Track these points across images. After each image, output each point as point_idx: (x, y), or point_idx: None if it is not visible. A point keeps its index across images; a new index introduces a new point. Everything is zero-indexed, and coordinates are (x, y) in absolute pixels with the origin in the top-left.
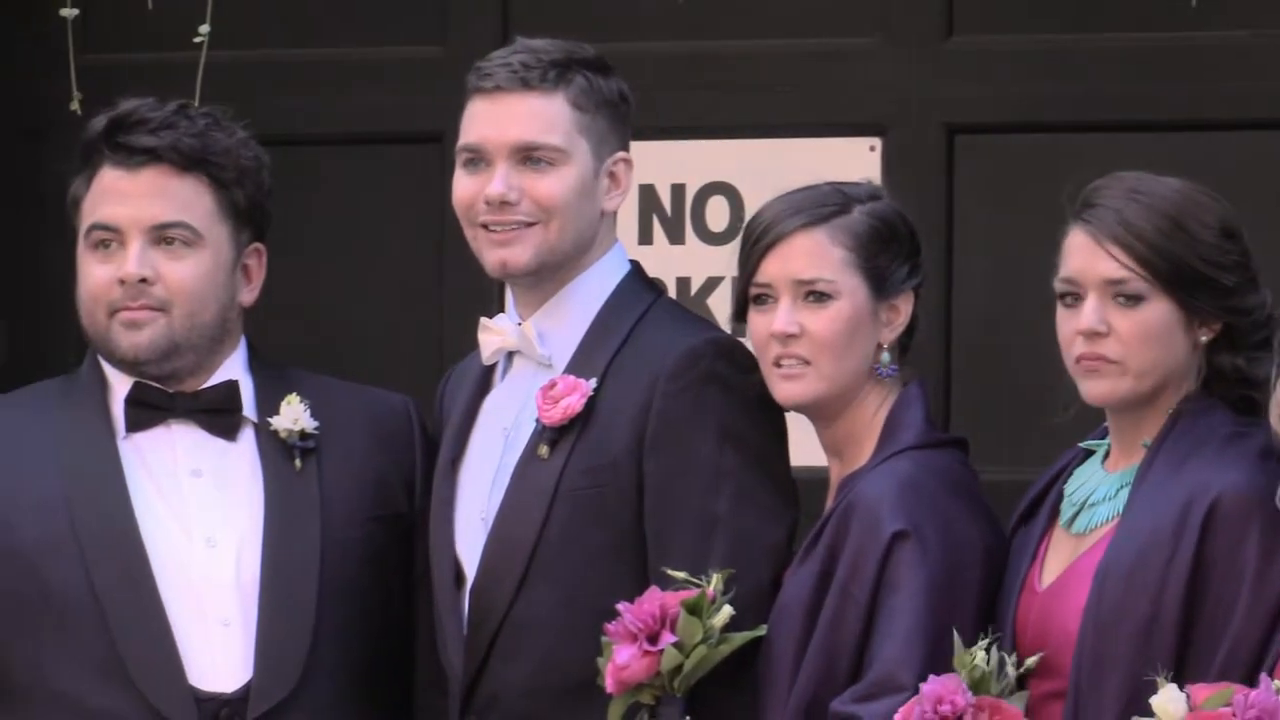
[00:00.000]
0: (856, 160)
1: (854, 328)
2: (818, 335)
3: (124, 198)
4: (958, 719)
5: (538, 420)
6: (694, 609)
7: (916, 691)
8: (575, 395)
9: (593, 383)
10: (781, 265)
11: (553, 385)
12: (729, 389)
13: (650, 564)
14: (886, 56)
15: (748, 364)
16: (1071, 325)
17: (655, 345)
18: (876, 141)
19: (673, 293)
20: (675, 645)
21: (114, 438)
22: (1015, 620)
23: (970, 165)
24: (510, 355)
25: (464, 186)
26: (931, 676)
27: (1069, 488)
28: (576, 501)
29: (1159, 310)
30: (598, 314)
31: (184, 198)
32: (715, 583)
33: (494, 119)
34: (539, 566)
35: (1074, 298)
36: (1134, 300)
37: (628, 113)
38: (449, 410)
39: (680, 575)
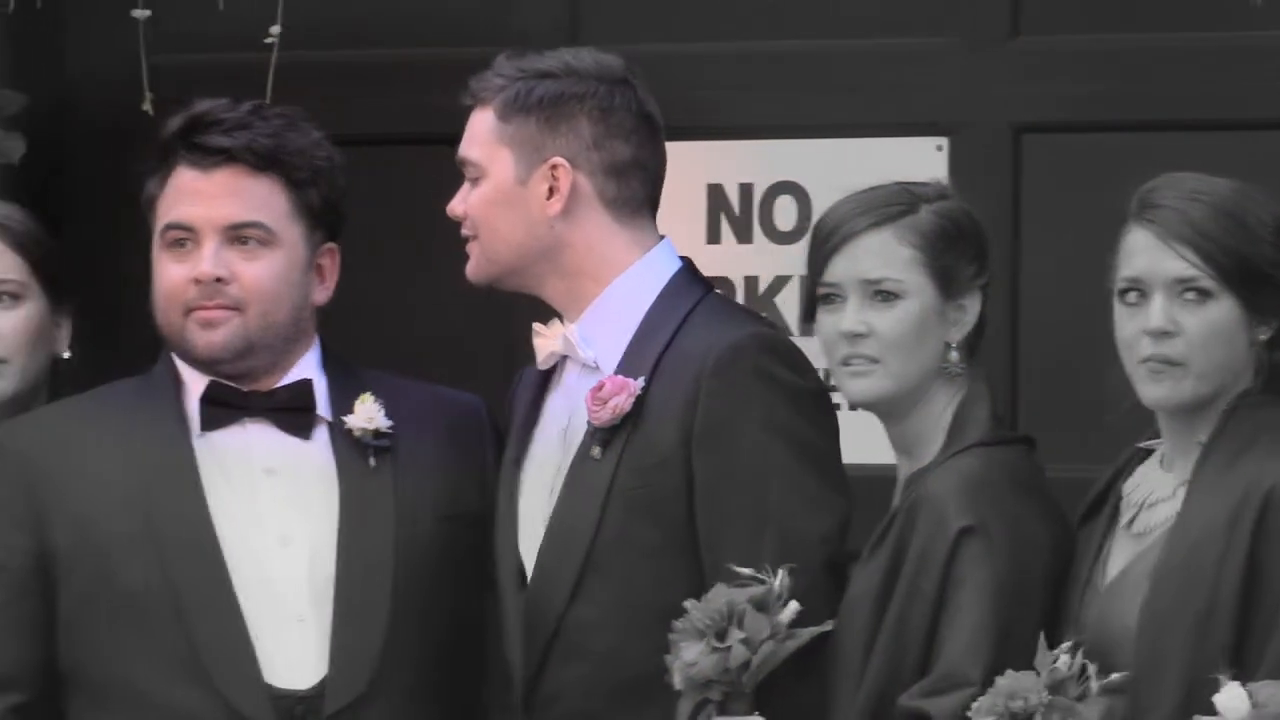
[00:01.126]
0: (923, 160)
1: (922, 327)
2: (886, 334)
3: (199, 198)
4: (1028, 717)
5: (589, 421)
6: (760, 605)
7: (984, 686)
8: (623, 395)
9: (641, 381)
10: (849, 265)
11: (601, 386)
12: (773, 383)
13: (704, 561)
14: (953, 57)
15: (792, 358)
16: (1136, 325)
17: (699, 342)
18: (943, 141)
19: (741, 292)
20: (743, 642)
21: (189, 436)
22: (1078, 617)
23: (1037, 165)
24: (565, 359)
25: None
26: (1009, 671)
27: (1128, 488)
28: (629, 501)
29: (1224, 308)
30: (646, 313)
31: (258, 198)
32: (780, 579)
33: None
34: (594, 566)
35: (1138, 296)
36: (1202, 296)
37: (568, 113)
38: (516, 411)
39: (745, 571)
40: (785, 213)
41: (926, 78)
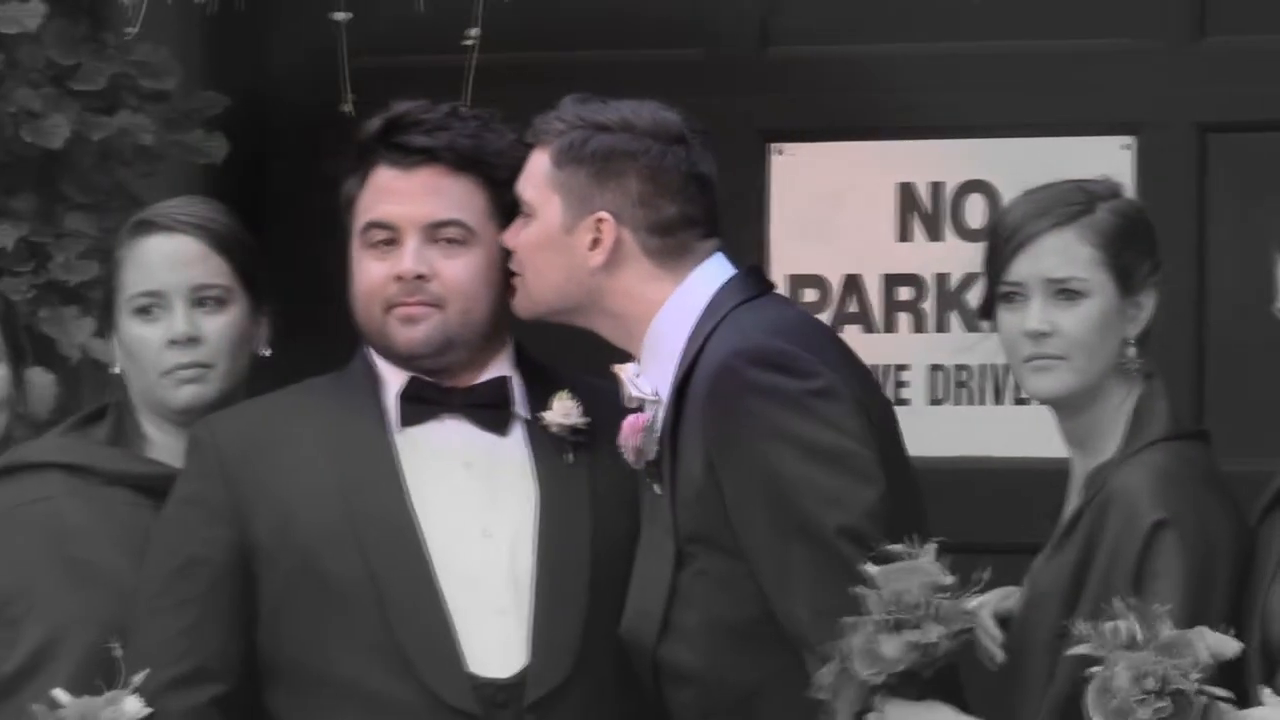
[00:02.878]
0: (1109, 159)
1: (1104, 324)
2: (1070, 332)
3: (400, 196)
4: (1164, 683)
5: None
6: (950, 594)
7: None
8: (634, 434)
9: (648, 415)
10: (1032, 264)
11: (621, 430)
12: (767, 393)
13: (758, 577)
14: (1139, 57)
15: (785, 362)
16: None
17: (705, 366)
18: (1130, 140)
19: (931, 288)
20: (945, 635)
21: (388, 431)
22: (1265, 607)
23: (1222, 164)
24: None
25: None
26: (1098, 671)
27: None
28: (689, 532)
29: None
30: (687, 339)
31: (458, 196)
32: (929, 552)
33: None
34: (677, 598)
35: None
36: None
37: (618, 170)
38: None
39: (897, 548)
40: (975, 210)
41: (1113, 78)
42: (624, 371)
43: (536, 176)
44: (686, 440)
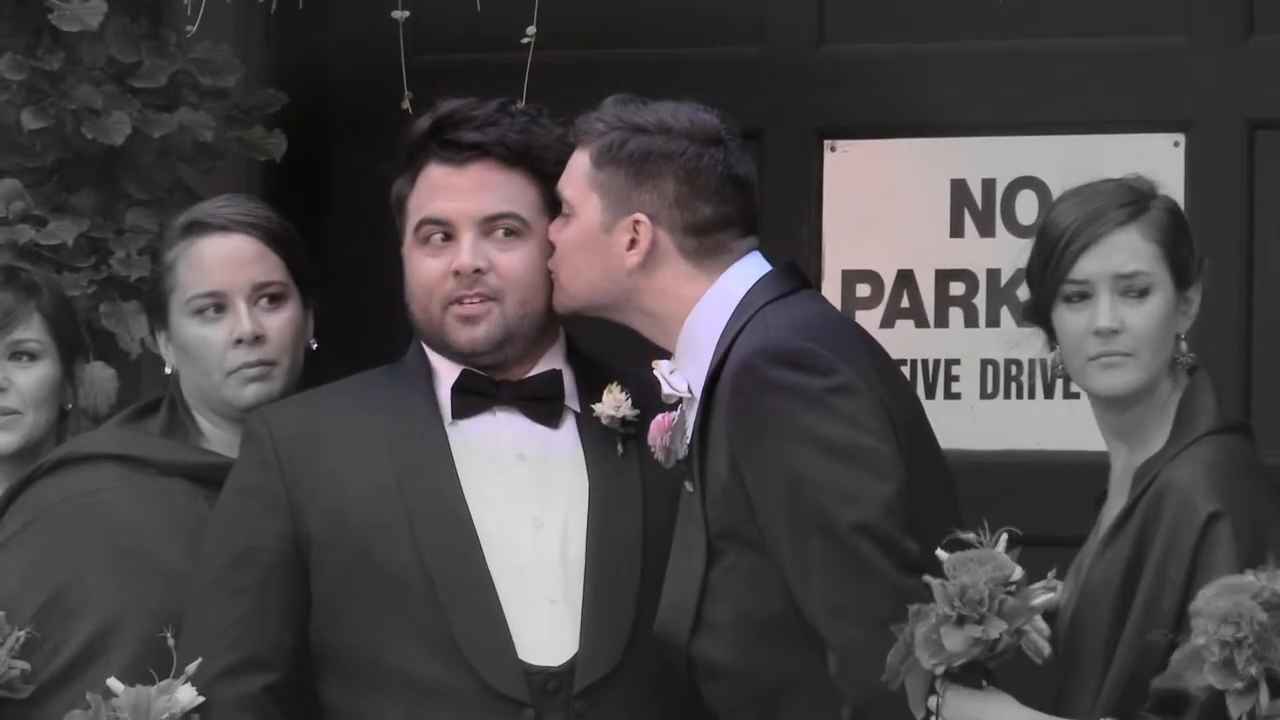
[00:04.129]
0: (1160, 156)
1: (1166, 319)
2: (1138, 329)
3: (453, 192)
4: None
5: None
6: (1018, 590)
7: None
8: (662, 433)
9: (674, 414)
10: (1100, 263)
11: (649, 430)
12: (786, 391)
13: (782, 572)
14: (1189, 55)
15: (805, 359)
16: None
17: (731, 363)
18: (1180, 137)
19: (982, 284)
20: (1008, 632)
21: (442, 424)
22: None
23: (1271, 161)
24: None
25: None
26: (1199, 604)
27: None
28: (719, 529)
29: None
30: (718, 338)
31: (510, 190)
32: (1001, 542)
33: None
34: (708, 595)
35: None
36: None
37: (654, 171)
38: None
39: (969, 536)
40: (1026, 207)
41: (1164, 75)
42: (658, 369)
43: (576, 176)
44: (714, 438)
